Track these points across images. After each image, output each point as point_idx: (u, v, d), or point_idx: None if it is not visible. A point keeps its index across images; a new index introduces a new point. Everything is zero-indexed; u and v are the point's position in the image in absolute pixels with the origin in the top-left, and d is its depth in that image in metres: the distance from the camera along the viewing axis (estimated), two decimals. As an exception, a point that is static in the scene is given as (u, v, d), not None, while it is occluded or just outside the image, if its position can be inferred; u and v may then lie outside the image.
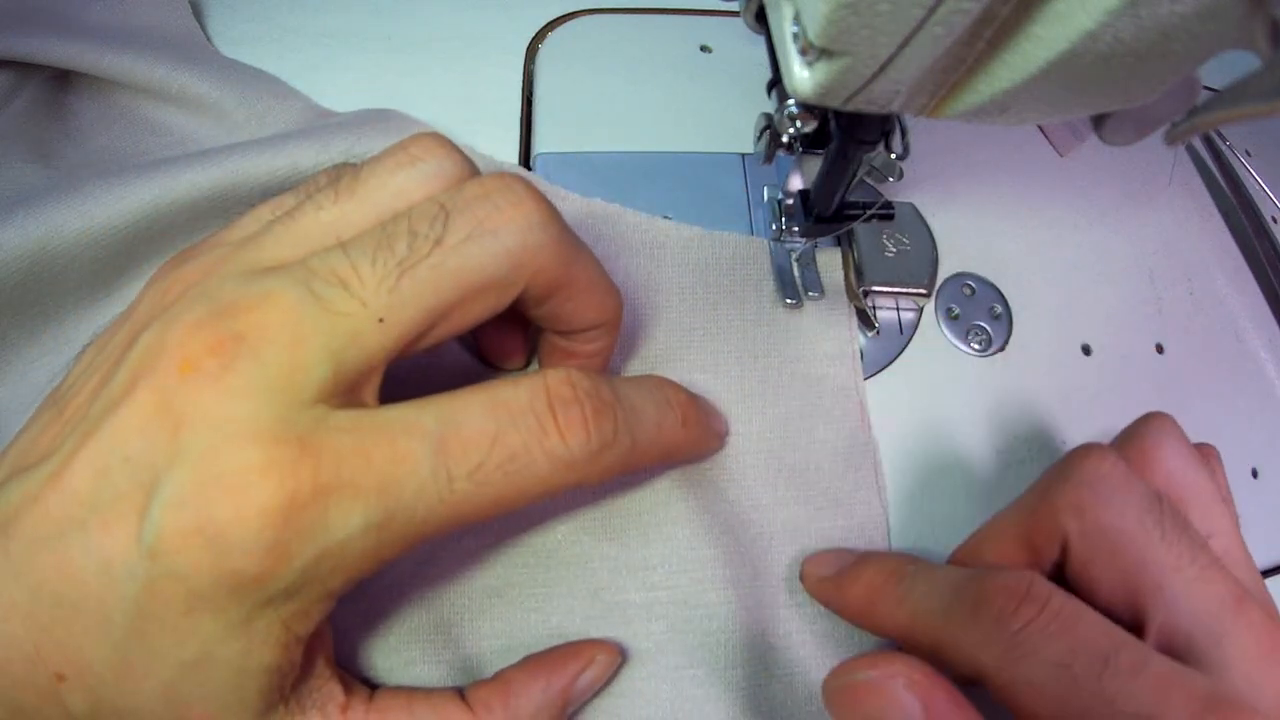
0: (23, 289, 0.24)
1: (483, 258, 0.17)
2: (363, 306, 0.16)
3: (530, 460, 0.17)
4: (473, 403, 0.17)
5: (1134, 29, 0.14)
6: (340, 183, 0.18)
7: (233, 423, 0.15)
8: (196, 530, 0.15)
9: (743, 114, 0.31)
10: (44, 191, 0.24)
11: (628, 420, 0.19)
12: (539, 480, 0.18)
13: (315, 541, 0.15)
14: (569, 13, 0.34)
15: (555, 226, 0.18)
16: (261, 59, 0.31)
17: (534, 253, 0.18)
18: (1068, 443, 0.27)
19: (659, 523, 0.23)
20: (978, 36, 0.15)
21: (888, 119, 0.22)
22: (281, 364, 0.16)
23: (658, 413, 0.20)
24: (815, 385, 0.26)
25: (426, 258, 0.17)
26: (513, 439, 0.17)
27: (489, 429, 0.17)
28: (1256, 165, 0.36)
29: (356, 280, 0.16)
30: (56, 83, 0.30)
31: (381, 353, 0.17)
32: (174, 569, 0.15)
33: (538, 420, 0.17)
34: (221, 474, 0.15)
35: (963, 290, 0.29)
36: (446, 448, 0.16)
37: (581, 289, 0.20)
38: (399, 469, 0.16)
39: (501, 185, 0.18)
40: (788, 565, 0.24)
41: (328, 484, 0.15)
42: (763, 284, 0.27)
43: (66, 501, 0.15)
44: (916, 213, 0.29)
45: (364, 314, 0.16)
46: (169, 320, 0.16)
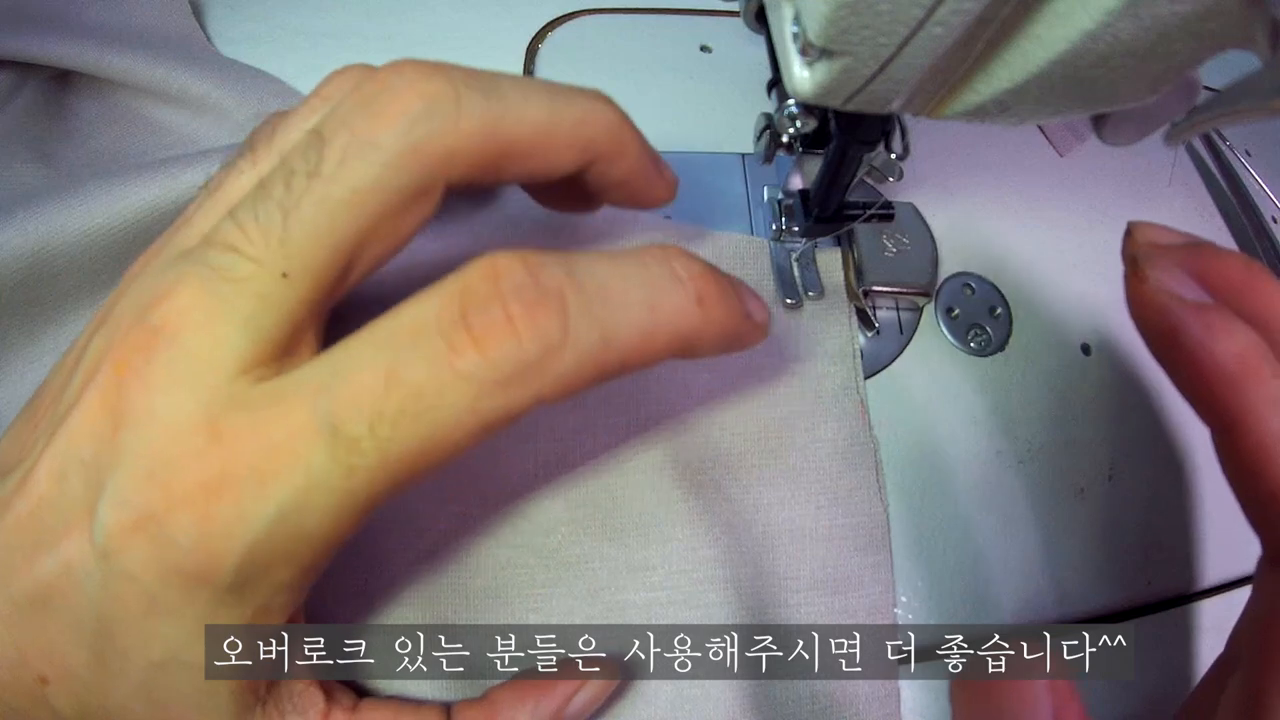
0: (23, 289, 0.24)
1: (369, 172, 0.15)
2: (260, 267, 0.15)
3: (439, 392, 0.14)
4: (365, 337, 0.15)
5: (1134, 29, 0.14)
6: (256, 139, 0.17)
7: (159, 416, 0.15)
8: (137, 527, 0.15)
9: (743, 114, 0.31)
10: (44, 191, 0.24)
11: (589, 308, 0.15)
12: (466, 415, 0.14)
13: (239, 534, 0.14)
14: (569, 13, 0.34)
15: (469, 95, 0.15)
16: (261, 59, 0.31)
17: (442, 139, 0.15)
18: (1067, 443, 0.27)
19: (659, 523, 0.23)
20: (977, 37, 0.15)
21: (888, 119, 0.22)
22: (198, 348, 0.15)
23: (651, 292, 0.16)
24: (816, 384, 0.26)
25: (306, 194, 0.15)
26: (413, 372, 0.14)
27: (379, 367, 0.14)
28: (1256, 165, 0.36)
29: (246, 241, 0.15)
30: (56, 83, 0.30)
31: (301, 307, 0.15)
32: (124, 569, 0.15)
33: (444, 338, 0.14)
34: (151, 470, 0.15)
35: (963, 290, 0.29)
36: (336, 406, 0.14)
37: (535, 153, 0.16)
38: (291, 444, 0.14)
39: (384, 84, 0.15)
40: (788, 565, 0.24)
41: (234, 473, 0.14)
42: (763, 284, 0.27)
43: (33, 507, 0.15)
44: (916, 213, 0.29)
45: (264, 274, 0.15)
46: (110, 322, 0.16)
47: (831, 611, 0.24)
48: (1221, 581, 0.27)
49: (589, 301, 0.15)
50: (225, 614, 0.16)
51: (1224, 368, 0.17)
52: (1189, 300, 0.18)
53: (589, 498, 0.24)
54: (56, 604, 0.15)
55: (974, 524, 0.26)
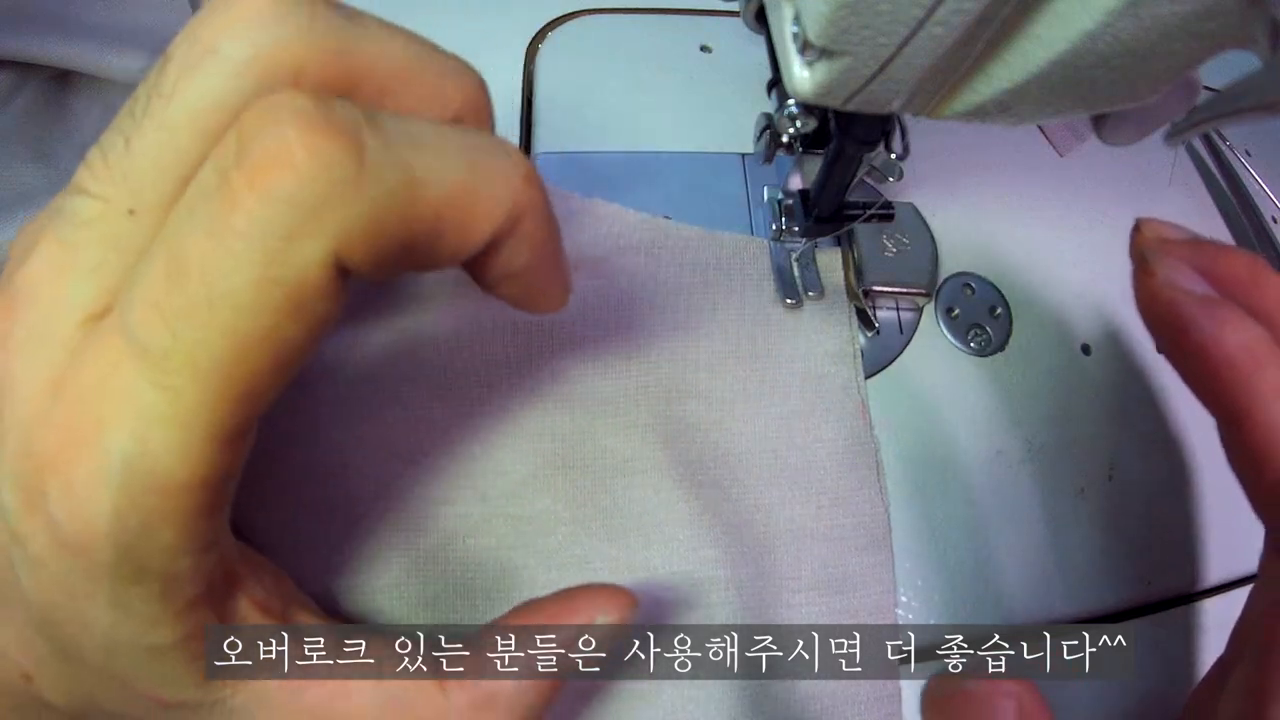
0: None
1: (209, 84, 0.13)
2: (106, 205, 0.13)
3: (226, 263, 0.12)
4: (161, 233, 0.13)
5: (1134, 29, 0.14)
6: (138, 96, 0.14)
7: (19, 381, 0.14)
8: (29, 506, 0.13)
9: (743, 114, 0.31)
10: (44, 191, 0.24)
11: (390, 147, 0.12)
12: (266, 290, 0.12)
13: (98, 497, 0.13)
14: (569, 13, 0.34)
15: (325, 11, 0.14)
16: (261, 59, 0.31)
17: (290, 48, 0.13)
18: (1067, 443, 0.27)
19: (660, 524, 0.23)
20: (977, 37, 0.15)
21: (888, 119, 0.22)
22: (45, 303, 0.14)
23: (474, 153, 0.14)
24: (816, 384, 0.26)
25: (146, 117, 0.13)
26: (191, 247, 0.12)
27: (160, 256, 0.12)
28: (1256, 165, 0.36)
29: (92, 179, 0.14)
30: (56, 83, 0.30)
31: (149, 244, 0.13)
32: (34, 555, 0.14)
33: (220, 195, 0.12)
34: (22, 441, 0.13)
35: (963, 290, 0.29)
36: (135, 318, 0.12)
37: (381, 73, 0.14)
38: (113, 381, 0.13)
39: None
40: (790, 565, 0.24)
41: (79, 429, 0.13)
42: (763, 284, 0.27)
43: None
44: (916, 213, 0.29)
45: (110, 212, 0.13)
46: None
47: (833, 611, 0.24)
48: (1222, 581, 0.27)
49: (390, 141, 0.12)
50: (133, 591, 0.14)
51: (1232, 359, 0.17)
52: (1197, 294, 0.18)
53: (590, 498, 0.24)
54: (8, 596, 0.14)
55: (974, 524, 0.26)
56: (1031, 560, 0.25)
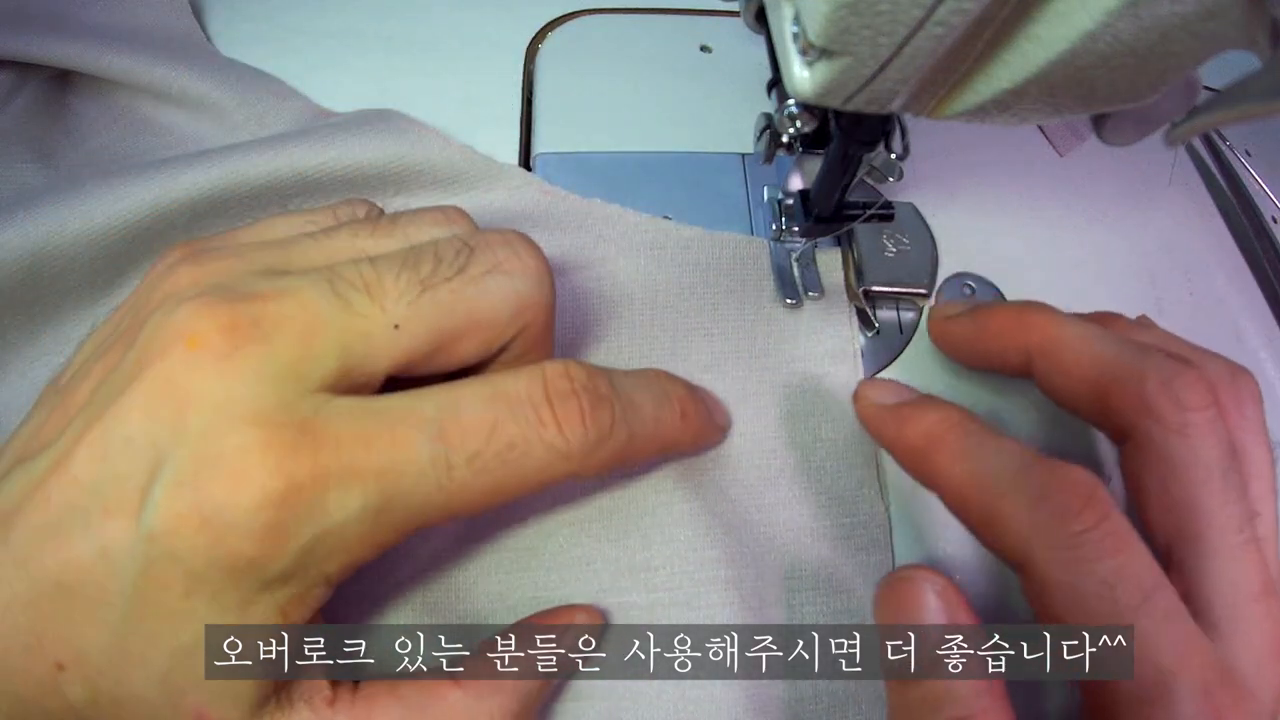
0: (23, 289, 0.24)
1: (495, 295, 0.18)
2: (381, 311, 0.17)
3: (528, 450, 0.17)
4: (472, 392, 0.18)
5: (1134, 29, 0.14)
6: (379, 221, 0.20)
7: (235, 403, 0.15)
8: (194, 511, 0.15)
9: (743, 114, 0.31)
10: (44, 191, 0.24)
11: (625, 414, 0.19)
12: (536, 470, 0.18)
13: (312, 524, 0.15)
14: (569, 13, 0.34)
15: (552, 289, 0.19)
16: (262, 59, 0.31)
17: (533, 306, 0.19)
18: (1068, 443, 0.27)
19: (661, 524, 0.23)
20: (977, 37, 0.15)
21: (888, 119, 0.22)
22: (291, 352, 0.16)
23: (655, 406, 0.21)
24: (816, 384, 0.26)
25: (447, 282, 0.18)
26: (511, 429, 0.17)
27: (488, 417, 0.17)
28: (1256, 165, 0.36)
29: (379, 287, 0.17)
30: (56, 83, 0.30)
31: (387, 360, 0.17)
32: (172, 551, 0.15)
33: (535, 411, 0.18)
34: (220, 454, 0.15)
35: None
36: (445, 434, 0.17)
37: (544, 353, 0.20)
38: (398, 454, 0.16)
39: (517, 237, 0.19)
40: (790, 565, 0.24)
41: (326, 467, 0.15)
42: (763, 284, 0.27)
43: (68, 488, 0.16)
44: (916, 213, 0.29)
45: (381, 318, 0.17)
46: (179, 300, 0.16)
47: (833, 611, 0.24)
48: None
49: (625, 408, 0.19)
50: (265, 600, 0.16)
51: (915, 446, 0.21)
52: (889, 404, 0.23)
53: (590, 498, 0.24)
54: (85, 587, 0.15)
55: (974, 524, 0.26)
56: (1031, 560, 0.25)
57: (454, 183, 0.28)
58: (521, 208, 0.28)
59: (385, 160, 0.27)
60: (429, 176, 0.27)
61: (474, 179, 0.28)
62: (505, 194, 0.28)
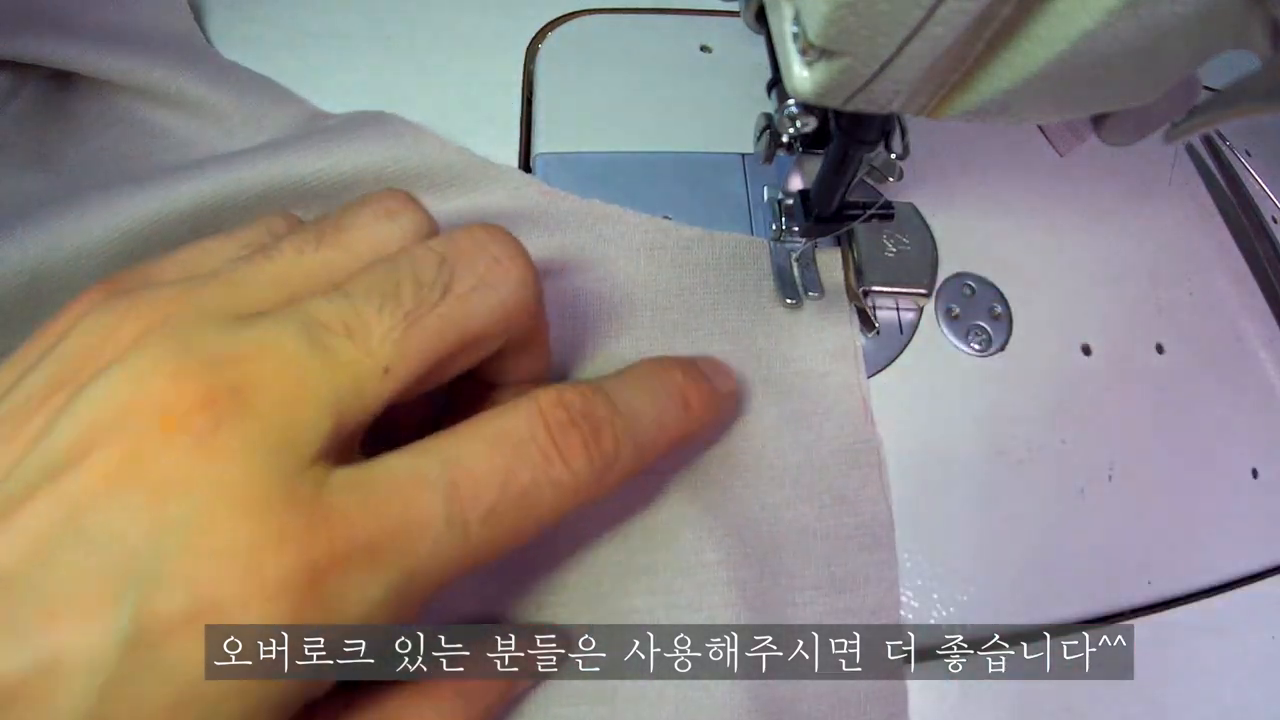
0: (22, 305, 0.24)
1: (483, 311, 0.17)
2: (368, 356, 0.16)
3: (539, 493, 0.17)
4: (474, 441, 0.17)
5: (1134, 29, 0.14)
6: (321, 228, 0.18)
7: (228, 489, 0.14)
8: (193, 614, 0.13)
9: (743, 114, 0.31)
10: (42, 204, 0.24)
11: (628, 429, 0.19)
12: (549, 510, 0.17)
13: (336, 615, 0.14)
14: (569, 13, 0.34)
15: (537, 283, 0.18)
16: (261, 60, 0.31)
17: (521, 309, 0.18)
18: (1068, 443, 0.27)
19: (663, 526, 0.23)
20: (978, 36, 0.15)
21: (888, 119, 0.22)
22: (279, 421, 0.14)
23: (657, 409, 0.20)
24: (817, 384, 0.26)
25: (434, 309, 0.16)
26: (521, 475, 0.17)
27: (498, 467, 0.16)
28: (1256, 165, 0.36)
29: (361, 328, 0.16)
30: (56, 83, 0.30)
31: (378, 403, 0.16)
32: (160, 662, 0.13)
33: (540, 451, 0.17)
34: (223, 549, 0.13)
35: (963, 290, 0.29)
36: (458, 494, 0.16)
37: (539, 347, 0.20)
38: (414, 526, 0.15)
39: (491, 237, 0.18)
40: (793, 565, 0.24)
41: (345, 552, 0.14)
42: (763, 284, 0.27)
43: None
44: (916, 213, 0.29)
45: (369, 364, 0.16)
46: (138, 368, 0.14)
47: (836, 611, 0.24)
48: (1222, 581, 0.27)
49: (627, 423, 0.19)
50: (277, 692, 0.15)
51: None
52: None
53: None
54: (13, 707, 0.13)
55: (974, 523, 0.26)
56: (1031, 560, 0.25)
57: (452, 185, 0.28)
58: (521, 208, 0.28)
59: (383, 164, 0.27)
60: (427, 180, 0.27)
61: (472, 181, 0.28)
62: (504, 195, 0.28)
